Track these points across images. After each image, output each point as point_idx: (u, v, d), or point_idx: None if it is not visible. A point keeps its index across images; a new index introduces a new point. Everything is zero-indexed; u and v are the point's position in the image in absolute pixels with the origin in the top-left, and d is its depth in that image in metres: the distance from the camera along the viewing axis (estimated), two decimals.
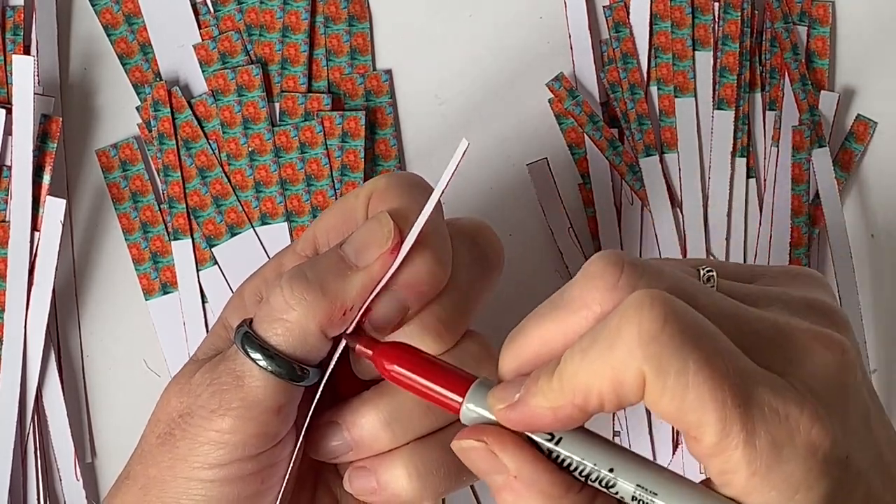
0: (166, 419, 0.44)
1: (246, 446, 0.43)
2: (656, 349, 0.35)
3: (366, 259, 0.43)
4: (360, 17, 0.60)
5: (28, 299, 0.55)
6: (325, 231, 0.46)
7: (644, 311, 0.36)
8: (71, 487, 0.56)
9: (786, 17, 0.60)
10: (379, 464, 0.44)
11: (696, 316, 0.36)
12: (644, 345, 0.35)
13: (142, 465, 0.44)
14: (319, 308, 0.42)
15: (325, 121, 0.58)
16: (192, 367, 0.45)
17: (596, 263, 0.38)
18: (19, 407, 0.55)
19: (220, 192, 0.58)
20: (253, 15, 0.59)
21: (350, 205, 0.46)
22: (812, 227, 0.59)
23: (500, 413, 0.39)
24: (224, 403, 0.43)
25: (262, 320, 0.43)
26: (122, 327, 0.58)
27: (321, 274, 0.43)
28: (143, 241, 0.58)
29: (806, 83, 0.59)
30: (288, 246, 0.48)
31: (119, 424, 0.58)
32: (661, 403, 0.36)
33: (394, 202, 0.44)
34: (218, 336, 0.46)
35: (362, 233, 0.43)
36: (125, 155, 0.59)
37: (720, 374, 0.36)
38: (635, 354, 0.35)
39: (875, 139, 0.60)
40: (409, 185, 0.45)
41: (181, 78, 0.59)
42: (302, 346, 0.43)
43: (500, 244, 0.47)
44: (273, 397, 0.43)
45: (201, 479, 0.43)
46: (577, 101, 0.59)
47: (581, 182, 0.59)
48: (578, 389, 0.37)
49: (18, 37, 0.58)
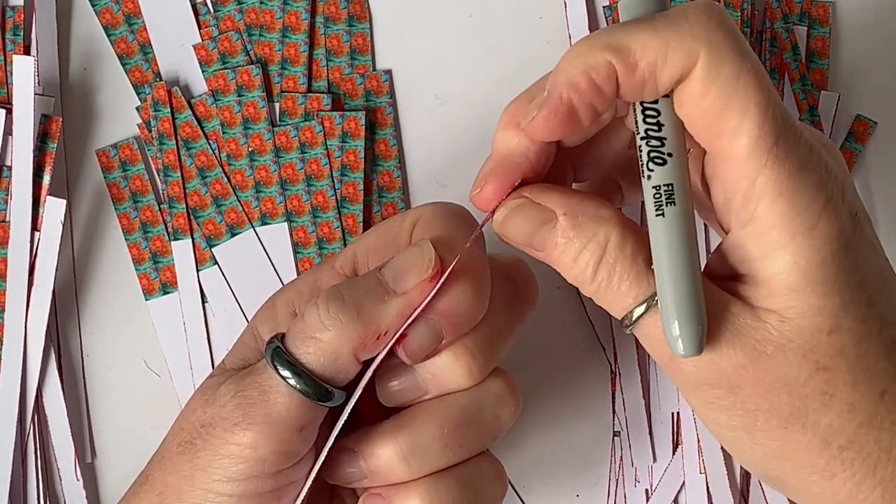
0: (189, 427, 0.44)
1: (266, 463, 0.42)
2: (721, 38, 0.36)
3: (405, 285, 0.43)
4: (360, 17, 0.60)
5: (28, 299, 0.55)
6: (366, 251, 0.46)
7: (713, 7, 0.37)
8: (71, 487, 0.56)
9: (785, 17, 0.60)
10: (395, 494, 0.44)
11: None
12: (711, 31, 0.36)
13: (160, 471, 0.44)
14: (354, 330, 0.42)
15: (325, 121, 0.58)
16: (219, 378, 0.45)
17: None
18: (19, 407, 0.55)
19: (220, 192, 0.58)
20: (253, 15, 0.59)
21: (394, 228, 0.46)
22: None
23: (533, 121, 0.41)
24: (248, 417, 0.42)
25: (294, 337, 0.43)
26: (122, 327, 0.58)
27: (358, 296, 0.43)
28: (143, 241, 0.58)
29: (806, 83, 0.59)
30: (326, 261, 0.48)
31: (119, 424, 0.58)
32: (709, 93, 0.37)
33: (438, 231, 0.44)
34: (247, 346, 0.46)
35: (403, 258, 0.43)
36: (125, 155, 0.59)
37: (767, 88, 0.37)
38: (698, 35, 0.36)
39: (875, 139, 0.60)
40: (454, 215, 0.45)
41: (181, 78, 0.59)
42: (332, 367, 0.43)
43: (535, 281, 0.47)
44: (297, 416, 0.42)
45: (219, 492, 0.43)
46: None
47: None
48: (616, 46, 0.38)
49: (18, 37, 0.58)
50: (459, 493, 0.44)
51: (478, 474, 0.45)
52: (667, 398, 0.57)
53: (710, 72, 0.36)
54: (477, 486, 0.45)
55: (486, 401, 0.44)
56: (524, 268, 0.47)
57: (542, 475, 0.58)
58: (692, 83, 0.37)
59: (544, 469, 0.58)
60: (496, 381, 0.45)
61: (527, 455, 0.58)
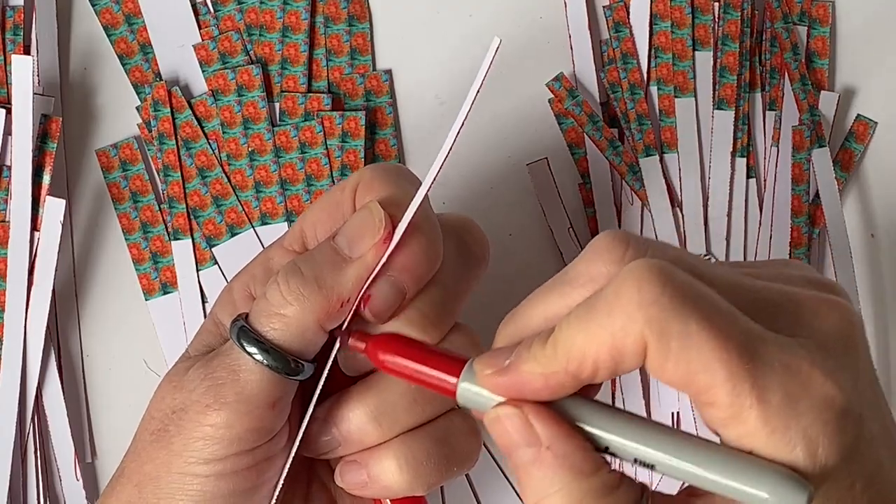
0: (160, 416, 0.44)
1: (241, 441, 0.43)
2: (657, 312, 0.35)
3: (360, 249, 0.43)
4: (360, 17, 0.60)
5: (28, 299, 0.55)
6: (312, 225, 0.46)
7: (644, 276, 0.35)
8: (71, 487, 0.56)
9: (786, 17, 0.60)
10: (369, 457, 0.44)
11: (695, 281, 0.36)
12: (644, 308, 0.35)
13: (136, 462, 0.44)
14: (317, 303, 0.43)
15: (325, 121, 0.58)
16: (185, 363, 0.45)
17: (602, 239, 0.38)
18: (19, 407, 0.55)
19: (220, 192, 0.58)
20: (253, 15, 0.59)
21: (336, 198, 0.46)
22: (812, 226, 0.59)
23: (488, 378, 0.38)
24: (219, 398, 0.43)
25: (258, 315, 0.43)
26: (122, 327, 0.58)
27: (317, 268, 0.43)
28: (143, 241, 0.58)
29: (806, 83, 0.59)
30: (275, 241, 0.48)
31: (119, 424, 0.58)
32: (666, 369, 0.36)
33: (381, 191, 0.44)
34: (209, 333, 0.46)
35: (354, 223, 0.44)
36: (125, 155, 0.59)
37: (723, 334, 0.35)
38: (635, 318, 0.35)
39: (875, 139, 0.60)
40: (394, 173, 0.45)
41: (181, 78, 0.59)
42: (300, 341, 0.43)
43: (485, 239, 0.47)
44: (269, 391, 0.43)
45: (196, 473, 0.43)
46: (577, 101, 0.59)
47: (581, 182, 0.59)
48: (573, 356, 0.36)
49: (18, 37, 0.57)
50: (434, 449, 0.44)
51: (450, 429, 0.45)
52: (667, 398, 0.57)
53: (660, 350, 0.35)
54: (451, 441, 0.45)
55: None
56: (473, 226, 0.47)
57: None
58: (649, 360, 0.36)
59: None
60: (458, 335, 0.45)
61: None
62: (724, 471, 0.36)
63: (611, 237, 0.38)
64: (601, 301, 0.36)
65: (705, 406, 0.36)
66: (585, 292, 0.38)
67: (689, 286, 0.36)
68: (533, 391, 0.38)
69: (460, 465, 0.46)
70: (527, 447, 0.38)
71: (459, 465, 0.45)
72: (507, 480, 0.58)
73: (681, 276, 0.36)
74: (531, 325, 0.39)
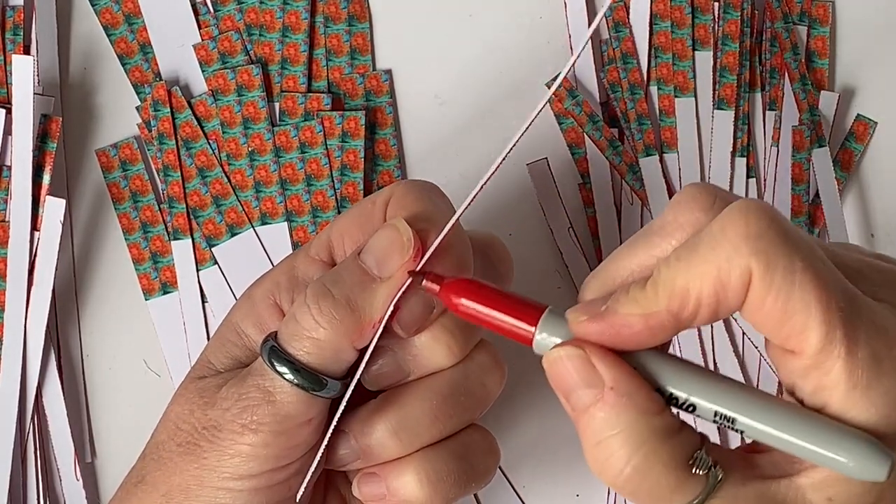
0: (188, 429, 0.44)
1: (278, 458, 0.43)
2: (765, 245, 0.35)
3: (389, 270, 0.43)
4: (360, 17, 0.60)
5: (28, 299, 0.55)
6: (340, 236, 0.46)
7: (752, 212, 0.36)
8: (71, 487, 0.56)
9: (786, 17, 0.60)
10: (389, 471, 0.44)
11: (798, 228, 0.37)
12: (752, 240, 0.35)
13: (161, 472, 0.44)
14: (350, 325, 0.42)
15: (325, 121, 0.58)
16: (215, 380, 0.45)
17: (688, 190, 0.38)
18: (19, 407, 0.55)
19: (220, 192, 0.58)
20: (253, 15, 0.59)
21: (366, 210, 0.45)
22: (812, 227, 0.59)
23: (583, 325, 0.38)
24: (256, 419, 0.42)
25: (290, 338, 0.43)
26: (122, 327, 0.58)
27: (346, 290, 0.43)
28: (143, 241, 0.58)
29: (806, 83, 0.59)
30: (301, 248, 0.47)
31: (119, 424, 0.58)
32: (766, 303, 0.36)
33: (413, 208, 0.44)
34: (233, 345, 0.46)
35: (381, 241, 0.43)
36: (125, 155, 0.59)
37: (824, 277, 0.36)
38: (742, 251, 0.35)
39: (875, 139, 0.60)
40: (426, 190, 0.45)
41: (181, 78, 0.59)
42: (334, 362, 0.43)
43: (509, 257, 0.47)
44: (304, 411, 0.43)
45: (230, 488, 0.43)
46: (577, 101, 0.59)
47: (581, 182, 0.59)
48: (676, 293, 0.36)
49: (18, 37, 0.57)
50: (453, 465, 0.44)
51: (470, 445, 0.45)
52: None
53: (764, 282, 0.35)
54: (470, 457, 0.45)
55: (471, 371, 0.44)
56: (498, 243, 0.47)
57: (542, 475, 0.58)
58: (750, 295, 0.36)
59: (544, 469, 0.58)
60: (480, 353, 0.45)
61: (527, 455, 0.58)
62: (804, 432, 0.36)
63: (698, 188, 0.38)
64: (705, 236, 0.36)
65: (787, 356, 0.36)
66: (674, 241, 0.38)
67: (793, 227, 0.36)
68: (631, 335, 0.37)
69: (478, 481, 0.45)
70: (586, 388, 0.38)
71: (477, 482, 0.45)
72: (508, 481, 0.58)
73: (784, 218, 0.36)
74: (619, 277, 0.39)
